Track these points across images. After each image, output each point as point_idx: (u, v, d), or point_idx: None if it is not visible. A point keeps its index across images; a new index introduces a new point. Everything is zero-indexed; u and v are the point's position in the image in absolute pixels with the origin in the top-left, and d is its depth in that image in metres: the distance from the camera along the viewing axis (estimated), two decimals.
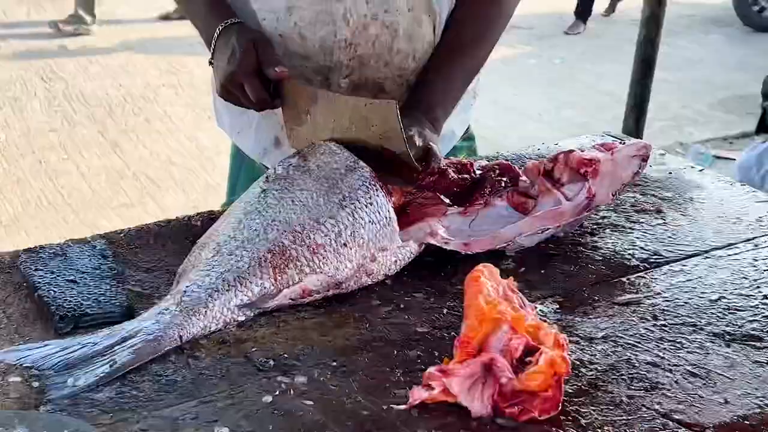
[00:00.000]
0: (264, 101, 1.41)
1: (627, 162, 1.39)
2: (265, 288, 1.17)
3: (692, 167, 1.68)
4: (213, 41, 1.45)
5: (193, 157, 4.93)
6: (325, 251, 1.22)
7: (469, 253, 1.31)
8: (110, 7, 7.52)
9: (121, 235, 1.37)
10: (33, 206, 4.31)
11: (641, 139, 3.94)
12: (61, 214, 4.24)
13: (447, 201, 1.40)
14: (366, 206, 1.27)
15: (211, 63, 1.47)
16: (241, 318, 1.16)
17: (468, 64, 1.56)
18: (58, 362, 1.03)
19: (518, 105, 5.93)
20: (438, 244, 1.31)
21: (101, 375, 1.01)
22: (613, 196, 1.38)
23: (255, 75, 1.39)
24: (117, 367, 1.03)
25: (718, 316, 1.19)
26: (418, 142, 1.36)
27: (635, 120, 3.71)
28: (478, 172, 1.44)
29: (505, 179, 1.43)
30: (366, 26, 1.49)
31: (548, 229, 1.34)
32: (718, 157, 5.19)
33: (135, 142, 5.11)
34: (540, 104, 6.09)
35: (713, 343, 1.13)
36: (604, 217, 1.46)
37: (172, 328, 1.09)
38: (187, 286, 1.16)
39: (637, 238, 1.40)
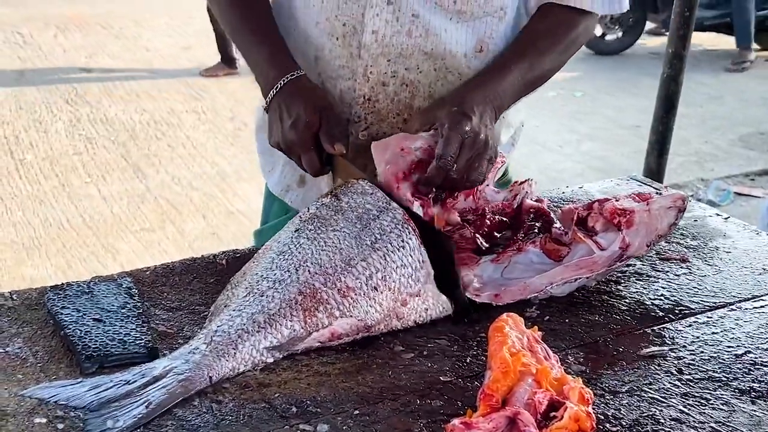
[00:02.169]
0: (318, 172, 1.45)
1: (663, 213, 1.37)
2: (294, 331, 1.17)
3: (717, 215, 1.67)
4: (273, 91, 1.46)
5: (214, 182, 4.96)
6: (356, 294, 1.22)
7: (500, 304, 1.30)
8: (135, 32, 7.61)
9: (147, 272, 1.38)
10: (55, 228, 4.35)
11: (662, 175, 3.92)
12: (82, 237, 4.27)
13: (482, 242, 1.39)
14: (398, 249, 1.26)
15: (266, 109, 1.48)
16: (270, 360, 1.16)
17: (534, 72, 1.53)
18: (92, 401, 1.04)
19: (538, 137, 5.93)
20: (469, 296, 1.31)
21: (139, 416, 1.02)
22: (648, 246, 1.36)
23: (313, 148, 1.42)
24: (153, 407, 1.03)
25: (744, 372, 1.17)
26: (486, 157, 1.36)
27: (657, 156, 3.69)
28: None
29: (538, 224, 1.42)
30: (385, 83, 1.52)
31: (580, 278, 1.34)
32: (739, 194, 5.16)
33: (157, 167, 5.15)
34: (560, 136, 6.09)
35: (739, 399, 1.12)
36: (629, 265, 1.45)
37: (202, 368, 1.10)
38: (218, 326, 1.16)
39: (662, 287, 1.39)
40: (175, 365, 1.10)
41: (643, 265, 1.46)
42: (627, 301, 1.35)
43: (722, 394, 1.12)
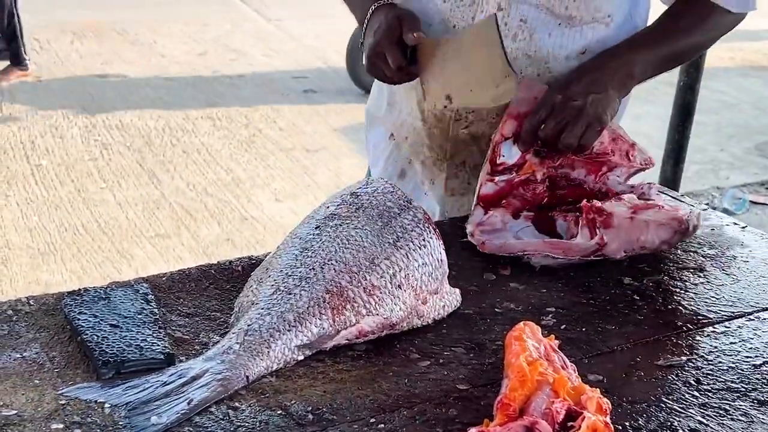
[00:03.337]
0: (401, 67, 1.55)
1: (653, 228, 1.39)
2: (323, 329, 1.18)
3: (735, 223, 1.66)
4: (366, 21, 1.60)
5: (229, 189, 4.97)
6: (381, 293, 1.22)
7: (483, 251, 1.46)
8: (150, 38, 7.65)
9: (163, 278, 1.38)
10: (70, 234, 4.36)
11: (678, 183, 3.90)
12: (97, 243, 4.28)
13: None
14: (420, 248, 1.28)
15: (361, 45, 1.62)
16: (300, 357, 1.17)
17: (675, 48, 1.59)
18: (131, 401, 1.06)
19: None
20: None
21: (182, 412, 1.03)
22: (625, 253, 1.40)
23: (395, 45, 1.53)
24: (195, 404, 1.05)
25: (763, 382, 1.17)
26: (580, 126, 1.44)
27: (673, 165, 3.69)
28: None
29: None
30: None
31: (558, 258, 1.41)
32: (755, 203, 5.13)
33: (172, 173, 5.16)
34: None
35: (758, 410, 1.11)
36: (645, 275, 1.44)
37: (238, 368, 1.11)
38: (248, 325, 1.17)
39: (680, 297, 1.39)
40: (210, 366, 1.11)
41: (659, 274, 1.45)
42: (644, 310, 1.34)
43: (741, 405, 1.12)
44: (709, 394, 1.14)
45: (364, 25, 1.60)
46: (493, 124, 1.61)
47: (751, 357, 1.23)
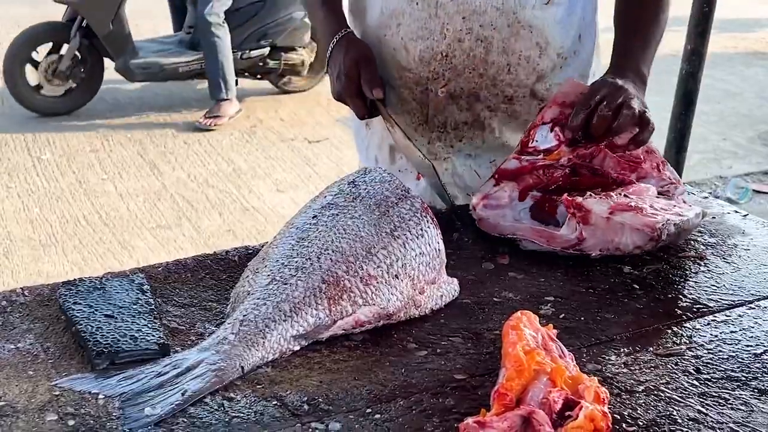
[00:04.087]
0: (363, 116, 1.70)
1: (628, 231, 1.39)
2: (320, 319, 1.17)
3: (736, 212, 1.65)
4: (328, 54, 1.72)
5: (230, 179, 4.97)
6: (378, 282, 1.21)
7: (480, 227, 1.51)
8: (151, 28, 7.62)
9: (159, 269, 1.37)
10: (71, 225, 4.36)
11: (681, 173, 3.89)
12: (98, 234, 4.28)
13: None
14: (417, 237, 1.27)
15: (326, 72, 1.77)
16: (296, 348, 1.16)
17: (656, 34, 1.67)
18: (125, 392, 1.05)
19: None
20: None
21: (176, 403, 1.03)
22: (601, 252, 1.41)
23: (357, 95, 1.67)
24: (189, 395, 1.04)
25: (763, 371, 1.15)
26: (636, 106, 1.48)
27: (675, 154, 3.67)
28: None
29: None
30: (461, 40, 1.65)
31: (542, 246, 1.44)
32: (758, 192, 5.11)
33: (173, 164, 5.16)
34: None
35: (758, 399, 1.10)
36: (645, 264, 1.43)
37: (233, 358, 1.10)
38: (243, 315, 1.16)
39: (680, 285, 1.37)
40: (205, 356, 1.10)
41: (659, 263, 1.44)
42: (644, 299, 1.33)
43: (741, 394, 1.11)
44: (709, 383, 1.13)
45: (328, 56, 1.71)
46: (470, 79, 1.67)
47: (751, 346, 1.21)
